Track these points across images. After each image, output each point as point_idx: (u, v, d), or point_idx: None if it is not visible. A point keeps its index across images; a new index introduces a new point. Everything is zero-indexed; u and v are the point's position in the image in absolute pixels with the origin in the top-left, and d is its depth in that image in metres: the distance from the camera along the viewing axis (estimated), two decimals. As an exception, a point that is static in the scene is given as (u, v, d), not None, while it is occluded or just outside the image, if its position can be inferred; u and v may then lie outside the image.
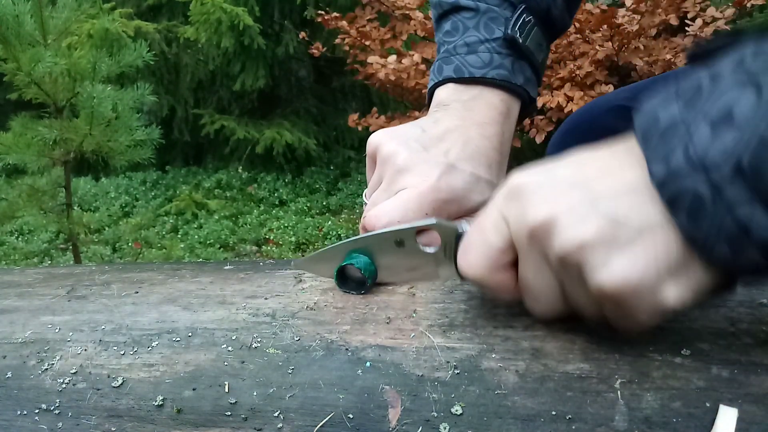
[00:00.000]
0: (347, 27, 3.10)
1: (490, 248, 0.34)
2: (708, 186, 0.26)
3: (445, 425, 0.33)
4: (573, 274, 0.30)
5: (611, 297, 0.29)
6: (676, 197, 0.27)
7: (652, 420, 0.31)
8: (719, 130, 0.26)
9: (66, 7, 1.83)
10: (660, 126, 0.28)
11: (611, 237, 0.28)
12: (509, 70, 0.52)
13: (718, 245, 0.27)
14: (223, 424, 0.36)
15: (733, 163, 0.25)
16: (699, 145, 0.27)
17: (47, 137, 1.82)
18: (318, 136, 4.46)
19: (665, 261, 0.28)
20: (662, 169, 0.28)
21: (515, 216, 0.32)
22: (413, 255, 0.41)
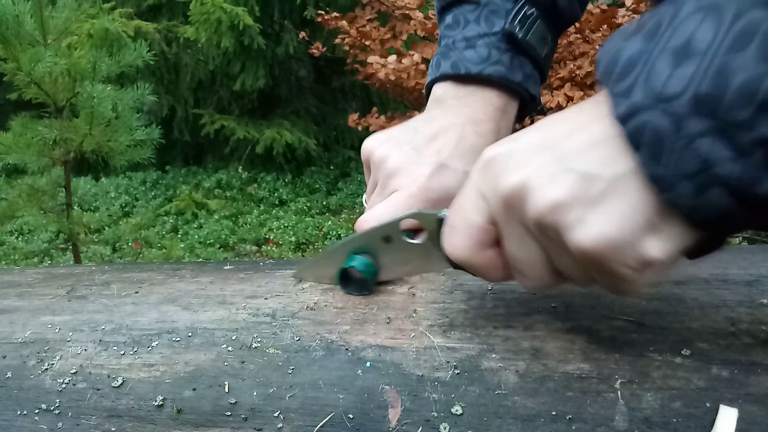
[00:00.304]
0: (347, 27, 3.10)
1: (472, 227, 0.33)
2: (667, 118, 0.25)
3: (445, 425, 0.33)
4: (553, 239, 0.29)
5: (592, 256, 0.28)
6: (637, 133, 0.26)
7: (652, 420, 0.31)
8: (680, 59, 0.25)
9: (66, 7, 1.83)
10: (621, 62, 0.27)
11: (584, 193, 0.28)
12: (507, 67, 0.51)
13: (680, 183, 0.25)
14: (223, 424, 0.36)
15: (691, 93, 0.25)
16: (658, 76, 0.26)
17: (47, 137, 1.82)
18: (318, 136, 4.46)
19: (642, 211, 0.27)
20: (623, 105, 0.27)
21: (490, 189, 0.31)
22: (402, 249, 0.40)
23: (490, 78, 0.50)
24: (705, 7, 0.26)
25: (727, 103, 0.24)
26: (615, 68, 0.28)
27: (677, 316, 0.36)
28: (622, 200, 0.27)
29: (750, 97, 0.24)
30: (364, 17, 3.21)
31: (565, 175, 0.28)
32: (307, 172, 4.46)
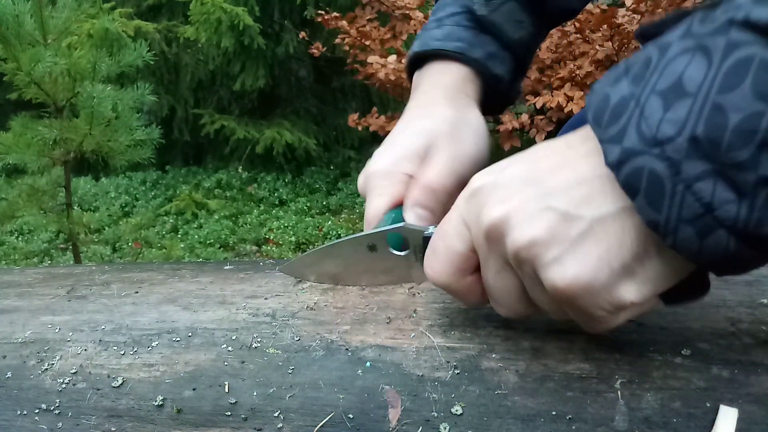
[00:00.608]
0: (347, 27, 3.10)
1: (454, 253, 0.33)
2: (664, 162, 0.24)
3: (445, 425, 0.33)
4: (529, 273, 0.30)
5: (566, 297, 0.28)
6: (633, 178, 0.25)
7: (652, 420, 0.31)
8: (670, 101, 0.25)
9: (66, 7, 1.83)
10: (610, 104, 0.27)
11: (562, 233, 0.27)
12: (468, 43, 0.50)
13: (681, 228, 0.25)
14: (223, 424, 0.36)
15: (687, 135, 0.24)
16: (651, 119, 0.25)
17: (47, 137, 1.82)
18: (318, 136, 4.46)
19: (619, 255, 0.27)
20: (616, 150, 0.26)
21: (473, 218, 0.32)
22: (386, 258, 0.41)
23: (448, 53, 0.51)
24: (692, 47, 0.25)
25: (726, 145, 0.23)
26: (605, 113, 0.27)
27: (677, 316, 0.36)
28: (600, 243, 0.27)
29: (749, 136, 0.23)
30: (364, 17, 3.22)
31: (546, 213, 0.28)
32: (307, 172, 4.46)
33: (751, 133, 0.23)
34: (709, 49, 0.24)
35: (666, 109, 0.25)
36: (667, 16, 0.30)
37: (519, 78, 0.56)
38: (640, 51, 0.28)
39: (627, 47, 2.89)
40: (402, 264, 0.40)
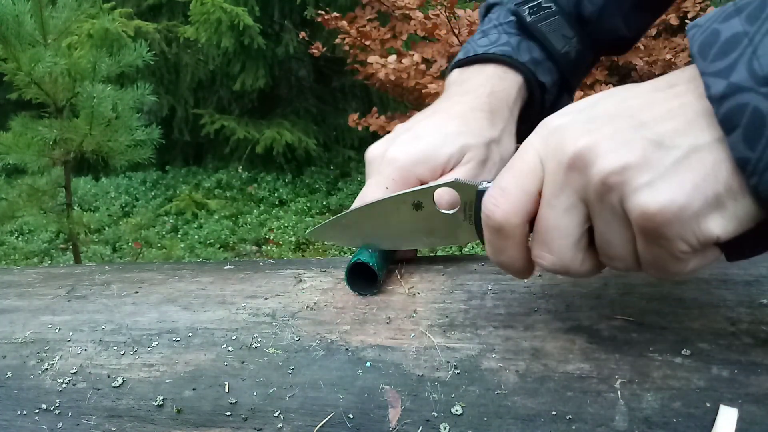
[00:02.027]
0: (347, 27, 3.10)
1: (525, 193, 0.31)
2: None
3: (445, 425, 0.33)
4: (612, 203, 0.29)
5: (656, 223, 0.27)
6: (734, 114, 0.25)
7: (652, 420, 0.31)
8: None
9: (66, 7, 1.83)
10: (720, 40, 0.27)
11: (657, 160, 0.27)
12: (513, 48, 0.51)
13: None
14: (223, 424, 0.36)
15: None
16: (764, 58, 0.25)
17: (47, 137, 1.82)
18: (318, 136, 4.46)
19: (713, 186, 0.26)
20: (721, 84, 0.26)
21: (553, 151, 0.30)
22: (431, 218, 0.39)
23: (494, 56, 0.51)
24: None
25: None
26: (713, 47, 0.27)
27: (677, 316, 0.36)
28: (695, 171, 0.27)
29: None
30: (364, 17, 3.21)
31: (639, 141, 0.27)
32: (307, 172, 4.46)
33: None
34: None
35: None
36: None
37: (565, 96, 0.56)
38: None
39: (627, 47, 2.88)
40: (449, 224, 0.39)
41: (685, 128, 0.27)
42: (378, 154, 0.48)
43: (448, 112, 0.49)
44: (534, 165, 0.31)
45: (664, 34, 3.02)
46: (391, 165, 0.45)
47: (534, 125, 0.56)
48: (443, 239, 0.41)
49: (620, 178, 0.28)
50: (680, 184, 0.27)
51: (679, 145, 0.27)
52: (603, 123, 0.29)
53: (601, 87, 2.74)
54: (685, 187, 0.27)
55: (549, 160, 0.31)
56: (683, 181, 0.27)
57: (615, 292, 0.39)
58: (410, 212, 0.39)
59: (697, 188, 0.27)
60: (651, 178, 0.27)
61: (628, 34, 0.56)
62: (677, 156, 0.27)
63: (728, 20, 0.27)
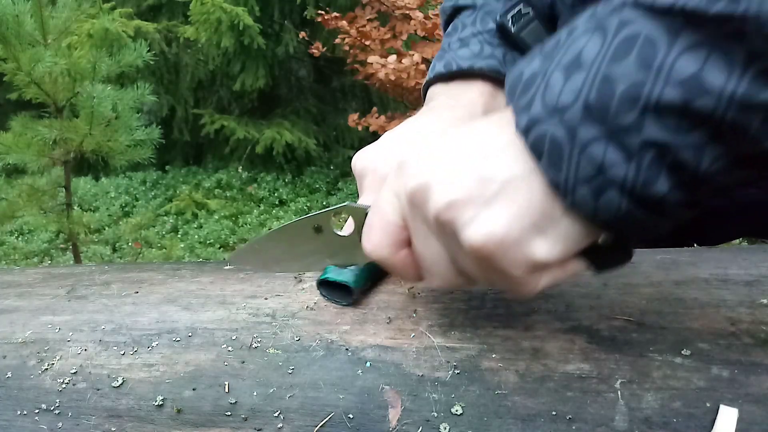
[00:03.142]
0: (347, 27, 3.10)
1: (387, 224, 0.34)
2: (563, 127, 0.27)
3: (445, 425, 0.33)
4: (451, 237, 0.31)
5: (483, 254, 0.29)
6: (538, 142, 0.28)
7: (652, 420, 0.31)
8: (570, 74, 0.27)
9: (66, 7, 1.83)
10: (522, 78, 0.30)
11: (479, 194, 0.29)
12: (500, 61, 0.50)
13: (578, 187, 0.27)
14: (223, 424, 0.36)
15: (582, 102, 0.26)
16: (553, 89, 0.28)
17: (47, 137, 1.82)
18: (318, 136, 4.46)
19: (529, 213, 0.29)
20: (525, 118, 0.29)
21: (401, 188, 0.33)
22: (331, 240, 0.41)
23: (481, 72, 0.50)
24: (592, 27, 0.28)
25: (614, 109, 0.26)
26: (518, 85, 0.30)
27: (677, 316, 0.36)
28: (511, 200, 0.29)
29: (633, 102, 0.25)
30: (364, 17, 3.21)
31: (464, 177, 0.30)
32: (307, 172, 4.46)
33: (635, 99, 0.25)
34: (605, 27, 0.27)
35: (566, 81, 0.27)
36: None
37: None
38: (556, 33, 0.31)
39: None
40: (347, 245, 0.40)
41: (504, 161, 0.30)
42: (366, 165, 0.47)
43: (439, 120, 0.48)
44: (391, 199, 0.34)
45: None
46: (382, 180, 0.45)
47: None
48: (344, 260, 0.42)
49: (450, 215, 0.30)
50: (498, 216, 0.29)
51: (497, 178, 0.29)
52: (438, 160, 0.32)
53: None
54: (502, 218, 0.29)
55: (400, 195, 0.34)
56: (500, 213, 0.29)
57: (615, 292, 0.39)
58: (312, 236, 0.41)
59: (513, 217, 0.29)
60: (474, 212, 0.29)
61: None
62: (496, 189, 0.29)
63: (531, 60, 0.30)
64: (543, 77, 0.29)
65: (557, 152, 0.27)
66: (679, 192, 0.27)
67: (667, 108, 0.25)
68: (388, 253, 0.35)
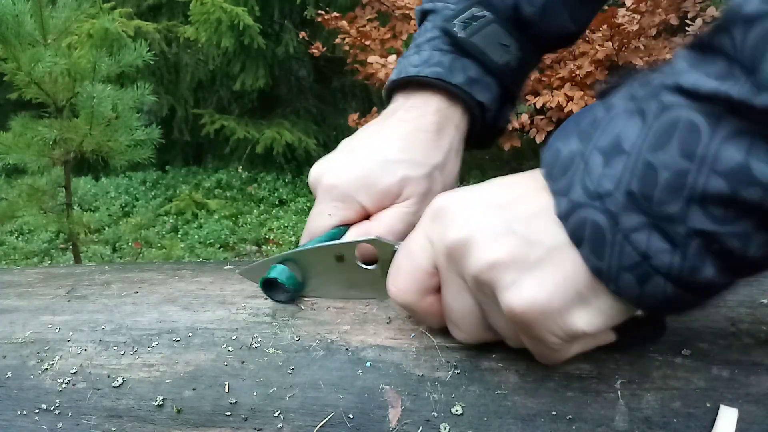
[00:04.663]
0: (347, 27, 3.10)
1: (417, 270, 0.33)
2: (605, 215, 0.26)
3: (446, 425, 0.33)
4: (488, 296, 0.30)
5: (522, 319, 0.29)
6: (578, 228, 0.27)
7: (652, 420, 0.31)
8: (609, 158, 0.27)
9: (66, 7, 1.83)
10: (560, 159, 0.29)
11: (522, 257, 0.28)
12: (446, 68, 0.47)
13: (622, 275, 0.27)
14: (223, 424, 0.36)
15: (624, 189, 0.26)
16: (593, 174, 0.27)
17: (47, 137, 1.82)
18: (318, 136, 4.46)
19: (574, 283, 0.28)
20: (564, 202, 0.28)
21: (437, 237, 0.32)
22: (352, 271, 0.40)
23: (426, 79, 0.47)
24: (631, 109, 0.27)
25: (657, 199, 0.25)
26: (556, 166, 0.29)
27: (677, 316, 0.36)
28: (557, 268, 0.28)
29: (677, 192, 0.25)
30: (364, 17, 3.22)
31: (508, 237, 0.29)
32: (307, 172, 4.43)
33: (679, 188, 0.25)
34: (644, 110, 0.26)
35: (606, 165, 0.27)
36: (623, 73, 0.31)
37: (507, 106, 0.52)
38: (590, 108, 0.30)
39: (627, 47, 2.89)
40: (368, 278, 0.40)
41: (550, 227, 0.29)
42: (317, 177, 0.46)
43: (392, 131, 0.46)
44: (423, 244, 0.33)
45: (664, 34, 3.02)
46: (330, 192, 0.44)
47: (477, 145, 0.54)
48: (364, 293, 0.42)
49: (489, 276, 0.29)
50: (541, 283, 0.28)
51: (543, 242, 0.28)
52: (480, 213, 0.30)
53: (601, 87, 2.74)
54: (546, 286, 0.28)
55: (434, 242, 0.32)
56: (545, 280, 0.28)
57: (615, 292, 0.39)
58: (333, 264, 0.40)
59: (558, 286, 0.28)
60: (516, 276, 0.28)
61: (574, 28, 0.53)
62: (540, 254, 0.28)
63: (568, 138, 0.29)
64: (582, 159, 0.28)
65: (599, 239, 0.27)
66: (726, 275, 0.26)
67: (713, 198, 0.24)
68: (415, 300, 0.34)
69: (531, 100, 2.88)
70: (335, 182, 0.44)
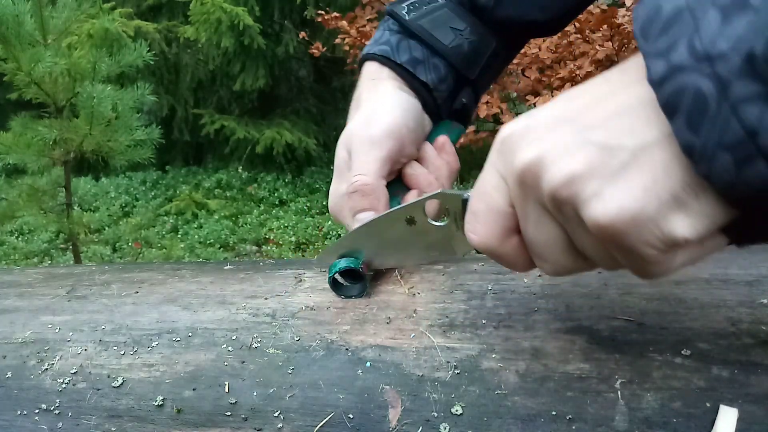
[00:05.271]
0: (347, 27, 3.10)
1: (495, 212, 0.31)
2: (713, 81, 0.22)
3: (446, 425, 0.33)
4: (570, 216, 0.27)
5: (611, 234, 0.25)
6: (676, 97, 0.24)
7: (652, 420, 0.31)
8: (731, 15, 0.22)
9: (66, 7, 1.83)
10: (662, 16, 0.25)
11: (603, 165, 0.25)
12: (393, 47, 0.50)
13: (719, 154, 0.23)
14: (223, 424, 0.36)
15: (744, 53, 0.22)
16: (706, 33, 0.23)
17: (47, 137, 1.82)
18: (318, 136, 4.46)
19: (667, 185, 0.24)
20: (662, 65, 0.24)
21: (506, 168, 0.29)
22: (426, 232, 0.39)
23: (374, 56, 0.50)
24: None
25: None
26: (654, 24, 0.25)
27: (677, 316, 0.36)
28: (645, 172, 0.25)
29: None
30: (364, 17, 3.22)
31: (583, 147, 0.26)
32: (307, 172, 4.46)
33: None
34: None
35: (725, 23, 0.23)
36: None
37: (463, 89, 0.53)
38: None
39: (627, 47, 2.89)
40: (442, 235, 0.38)
41: (631, 125, 0.26)
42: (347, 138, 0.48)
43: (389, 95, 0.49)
44: (496, 182, 0.31)
45: (664, 34, 3.01)
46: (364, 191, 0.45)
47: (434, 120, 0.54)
48: (442, 252, 0.40)
49: (569, 191, 0.26)
50: (629, 190, 0.25)
51: (626, 145, 0.25)
52: (547, 130, 0.28)
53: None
54: (634, 191, 0.25)
55: (506, 175, 0.30)
56: (632, 186, 0.25)
57: (615, 292, 0.39)
58: (405, 228, 0.40)
59: (648, 191, 0.25)
60: (598, 186, 0.25)
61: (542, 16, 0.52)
62: (624, 158, 0.25)
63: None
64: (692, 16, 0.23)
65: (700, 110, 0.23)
66: None
67: None
68: (498, 244, 0.31)
69: (531, 100, 2.88)
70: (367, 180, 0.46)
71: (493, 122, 3.10)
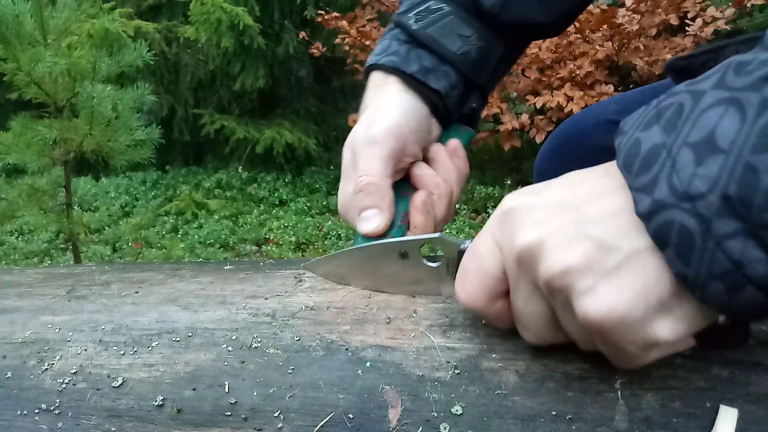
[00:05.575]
0: (347, 27, 3.11)
1: (485, 276, 0.33)
2: (695, 218, 0.24)
3: (446, 425, 0.33)
4: (561, 301, 0.29)
5: (597, 327, 0.27)
6: (664, 230, 0.25)
7: (652, 420, 0.31)
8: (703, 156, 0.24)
9: (66, 7, 1.83)
10: (641, 151, 0.27)
11: (598, 262, 0.27)
12: (402, 57, 0.50)
13: (711, 283, 0.25)
14: (223, 424, 0.36)
15: (719, 193, 0.24)
16: (682, 172, 0.25)
17: (47, 137, 1.82)
18: (318, 136, 4.46)
19: (655, 291, 0.26)
20: (647, 201, 0.26)
21: (505, 240, 0.31)
22: (417, 268, 0.40)
23: (384, 67, 0.50)
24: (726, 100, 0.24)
25: (758, 206, 0.23)
26: (635, 160, 0.27)
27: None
28: (637, 276, 0.26)
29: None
30: (364, 17, 3.22)
31: (582, 241, 0.27)
32: (307, 172, 4.45)
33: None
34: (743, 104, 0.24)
35: (698, 164, 0.24)
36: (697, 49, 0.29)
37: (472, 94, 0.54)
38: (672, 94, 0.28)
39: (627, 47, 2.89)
40: (432, 276, 0.40)
41: (628, 228, 0.27)
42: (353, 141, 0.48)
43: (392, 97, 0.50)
44: (492, 248, 0.32)
45: (664, 34, 3.02)
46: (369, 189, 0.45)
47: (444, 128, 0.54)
48: (426, 290, 0.42)
49: (564, 282, 0.27)
50: (621, 292, 0.26)
51: (621, 247, 0.27)
52: (550, 214, 0.29)
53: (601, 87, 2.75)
54: (625, 293, 0.26)
55: (503, 246, 0.31)
56: (624, 288, 0.26)
57: (615, 292, 0.39)
58: (397, 260, 0.41)
59: (638, 295, 0.26)
60: (592, 282, 0.27)
61: (546, 18, 0.53)
62: (618, 259, 0.26)
63: (649, 128, 0.27)
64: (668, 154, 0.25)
65: (687, 244, 0.24)
66: None
67: None
68: (484, 306, 0.33)
69: (531, 100, 2.88)
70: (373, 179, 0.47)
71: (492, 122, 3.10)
